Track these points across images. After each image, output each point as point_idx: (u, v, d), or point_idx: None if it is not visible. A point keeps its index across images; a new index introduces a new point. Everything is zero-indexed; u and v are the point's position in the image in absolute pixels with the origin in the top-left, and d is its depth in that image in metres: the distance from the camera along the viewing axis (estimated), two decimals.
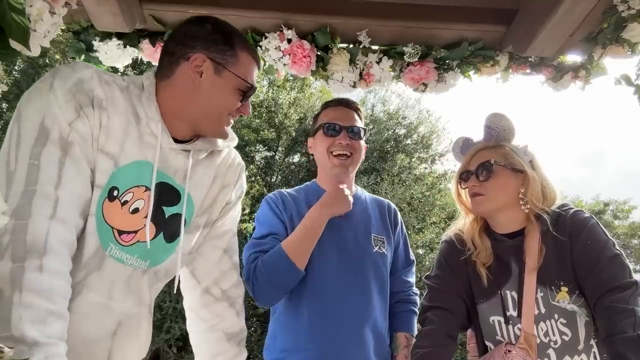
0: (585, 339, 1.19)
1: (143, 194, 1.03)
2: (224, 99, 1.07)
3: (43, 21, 1.10)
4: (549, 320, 1.22)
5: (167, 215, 1.09)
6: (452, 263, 1.42)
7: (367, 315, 1.40)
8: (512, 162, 1.32)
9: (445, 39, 1.70)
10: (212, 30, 1.08)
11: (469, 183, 1.36)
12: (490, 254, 1.34)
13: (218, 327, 1.25)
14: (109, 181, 0.98)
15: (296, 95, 12.90)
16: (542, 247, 1.26)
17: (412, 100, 13.49)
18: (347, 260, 1.43)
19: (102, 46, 1.64)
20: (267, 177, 12.71)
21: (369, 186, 10.88)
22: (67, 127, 0.91)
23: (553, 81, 1.78)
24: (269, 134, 12.64)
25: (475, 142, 1.48)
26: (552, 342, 1.21)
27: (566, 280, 1.22)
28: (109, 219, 1.00)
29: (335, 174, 1.51)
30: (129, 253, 1.04)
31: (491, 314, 1.32)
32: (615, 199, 17.15)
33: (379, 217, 1.59)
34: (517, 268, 1.29)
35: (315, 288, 1.39)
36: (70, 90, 0.93)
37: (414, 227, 11.05)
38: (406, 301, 1.55)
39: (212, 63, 1.05)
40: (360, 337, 1.37)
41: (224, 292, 1.26)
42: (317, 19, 1.61)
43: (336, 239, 1.45)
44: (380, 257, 1.49)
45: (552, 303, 1.22)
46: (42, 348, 0.74)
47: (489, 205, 1.32)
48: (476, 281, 1.36)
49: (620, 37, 1.51)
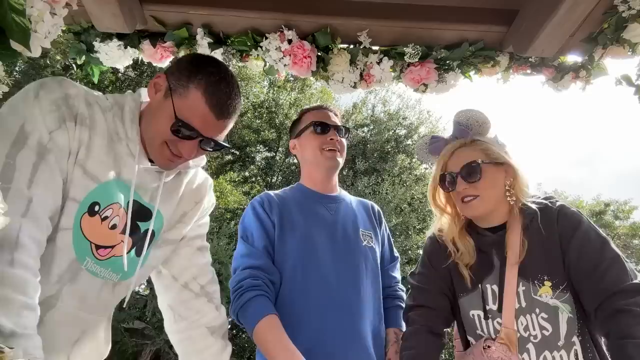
0: (566, 336, 1.16)
1: (119, 211, 1.07)
2: (158, 124, 1.05)
3: (44, 22, 1.10)
4: (529, 315, 1.20)
5: (142, 230, 1.13)
6: (434, 260, 1.41)
7: (362, 308, 1.41)
8: (494, 156, 1.30)
9: (446, 40, 1.70)
10: (188, 61, 1.09)
11: (458, 187, 1.30)
12: (473, 254, 1.33)
13: (200, 323, 1.27)
14: (88, 196, 1.00)
15: (297, 96, 12.91)
16: (524, 241, 1.24)
17: (412, 100, 13.51)
18: (339, 255, 1.45)
19: (103, 47, 1.64)
20: (268, 177, 12.71)
21: (369, 187, 10.86)
22: (47, 135, 0.93)
23: (554, 81, 1.78)
24: (269, 135, 12.65)
25: (446, 139, 1.43)
26: (532, 336, 1.19)
27: (551, 274, 1.20)
28: (88, 234, 1.02)
29: (328, 167, 1.57)
30: (103, 267, 1.07)
31: (471, 308, 1.31)
32: (616, 199, 17.14)
33: (365, 215, 1.64)
34: (499, 262, 1.28)
35: (311, 285, 1.39)
36: (56, 102, 0.96)
37: (415, 227, 11.03)
38: (393, 296, 1.58)
39: (166, 86, 1.05)
40: (357, 330, 1.37)
41: (203, 288, 1.29)
42: (318, 19, 1.61)
43: (327, 236, 1.47)
44: (370, 251, 1.52)
45: (534, 297, 1.20)
46: (20, 340, 0.75)
47: (485, 207, 1.29)
48: (457, 276, 1.35)
49: (620, 37, 1.51)
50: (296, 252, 1.42)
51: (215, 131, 1.06)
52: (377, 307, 1.47)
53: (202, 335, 1.26)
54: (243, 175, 12.83)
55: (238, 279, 1.35)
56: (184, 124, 1.01)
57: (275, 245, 1.44)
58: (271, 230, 1.46)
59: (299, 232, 1.45)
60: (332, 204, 1.58)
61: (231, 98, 1.06)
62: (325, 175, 1.59)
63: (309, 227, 1.48)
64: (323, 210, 1.54)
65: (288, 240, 1.44)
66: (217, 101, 1.03)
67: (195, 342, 1.26)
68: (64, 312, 1.01)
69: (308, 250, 1.42)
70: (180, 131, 1.02)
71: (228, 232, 9.02)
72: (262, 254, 1.40)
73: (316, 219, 1.51)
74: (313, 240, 1.44)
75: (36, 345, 0.78)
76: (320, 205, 1.55)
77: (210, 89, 1.02)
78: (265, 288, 1.33)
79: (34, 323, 0.81)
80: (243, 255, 1.41)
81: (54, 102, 0.95)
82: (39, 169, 0.90)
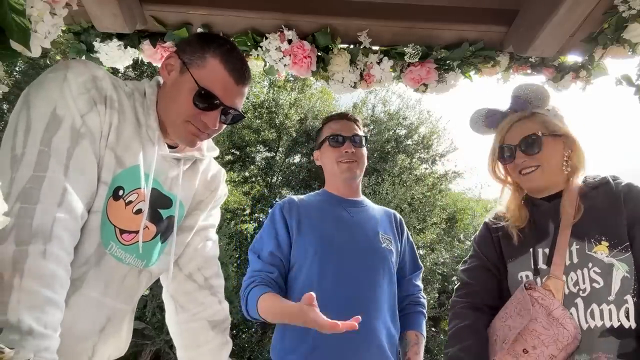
0: (618, 292, 1.12)
1: (144, 196, 1.06)
2: (179, 102, 1.05)
3: (44, 22, 1.10)
4: (580, 270, 1.17)
5: (164, 217, 1.13)
6: (483, 247, 1.42)
7: (378, 308, 1.42)
8: (553, 128, 1.31)
9: (446, 40, 1.70)
10: (196, 36, 1.12)
11: (518, 160, 1.31)
12: (526, 218, 1.33)
13: (201, 316, 1.26)
14: (114, 180, 0.99)
15: (297, 96, 12.92)
16: (580, 205, 1.24)
17: (412, 100, 13.54)
18: (358, 255, 1.46)
19: (103, 47, 1.64)
20: (268, 177, 12.72)
21: (369, 187, 10.88)
22: (79, 119, 0.92)
23: (554, 81, 1.78)
24: (269, 135, 12.66)
25: (504, 113, 1.43)
26: (581, 290, 1.15)
27: (610, 235, 1.17)
28: (112, 218, 1.01)
29: (345, 178, 1.61)
30: (128, 252, 1.06)
31: (520, 269, 1.29)
32: None
33: (386, 220, 1.66)
34: (553, 226, 1.27)
35: (327, 283, 1.40)
36: (85, 85, 0.94)
37: (415, 227, 11.05)
38: (416, 303, 1.61)
39: (180, 63, 1.06)
40: (372, 329, 1.38)
41: (207, 280, 1.28)
42: (318, 19, 1.61)
43: (346, 236, 1.49)
44: (388, 254, 1.53)
45: (588, 253, 1.17)
46: (35, 339, 0.73)
47: (545, 178, 1.30)
48: (507, 242, 1.35)
49: (621, 37, 1.51)
50: (314, 251, 1.44)
51: (235, 97, 1.08)
52: (391, 309, 1.48)
53: (203, 328, 1.25)
54: (243, 175, 12.83)
55: (242, 288, 1.42)
56: (206, 91, 1.03)
57: (291, 246, 1.49)
58: (283, 233, 1.50)
59: (318, 232, 1.48)
60: (354, 207, 1.61)
61: (245, 64, 1.10)
62: (343, 186, 1.64)
63: (328, 227, 1.51)
64: (344, 212, 1.58)
65: (306, 240, 1.47)
66: (234, 66, 1.06)
67: (195, 335, 1.25)
68: (88, 296, 0.99)
69: (326, 249, 1.44)
70: (203, 100, 1.03)
71: (228, 232, 9.03)
72: (266, 259, 1.46)
73: (336, 220, 1.54)
74: (332, 239, 1.47)
75: (50, 348, 0.75)
76: (341, 208, 1.59)
77: (226, 56, 1.05)
78: (261, 281, 1.39)
79: (56, 322, 0.79)
80: (250, 269, 1.48)
81: (83, 85, 0.93)
82: (74, 155, 0.89)
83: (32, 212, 0.80)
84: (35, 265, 0.77)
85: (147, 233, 1.09)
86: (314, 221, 1.52)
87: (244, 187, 12.27)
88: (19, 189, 0.81)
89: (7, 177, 0.83)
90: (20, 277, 0.75)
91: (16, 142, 0.86)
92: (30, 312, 0.73)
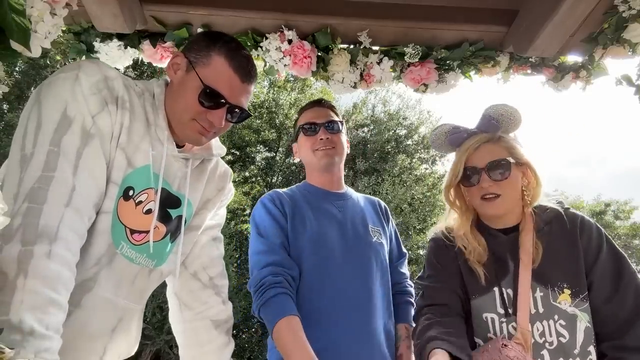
0: (582, 344, 1.16)
1: (154, 196, 1.06)
2: (185, 100, 1.06)
3: (44, 22, 1.10)
4: (546, 321, 1.19)
5: (173, 217, 1.13)
6: (442, 260, 1.38)
7: (374, 306, 1.41)
8: (518, 156, 1.28)
9: (446, 40, 1.70)
10: (202, 35, 1.12)
11: (483, 183, 1.26)
12: (486, 251, 1.30)
13: (204, 315, 1.26)
14: (123, 181, 0.99)
15: (297, 96, 12.91)
16: (538, 243, 1.24)
17: (412, 100, 13.53)
18: (351, 252, 1.45)
19: (103, 47, 1.64)
20: (268, 177, 12.71)
21: (369, 187, 10.87)
22: (90, 120, 0.92)
23: (554, 82, 1.78)
24: (269, 135, 12.66)
25: (469, 131, 1.36)
26: (548, 342, 1.18)
27: (571, 283, 1.19)
28: (123, 218, 1.01)
29: (323, 164, 1.55)
30: (138, 252, 1.06)
31: (485, 310, 1.28)
32: (616, 199, 17.13)
33: (372, 211, 1.64)
34: (513, 264, 1.26)
35: (323, 282, 1.39)
36: (97, 85, 0.94)
37: (415, 227, 11.04)
38: (403, 292, 1.58)
39: (186, 61, 1.07)
40: (369, 328, 1.37)
41: (211, 279, 1.29)
42: (318, 19, 1.61)
43: (338, 234, 1.47)
44: (380, 247, 1.52)
45: (553, 304, 1.19)
46: (36, 340, 0.72)
47: (506, 206, 1.27)
48: (470, 276, 1.32)
49: (621, 37, 1.51)
50: (308, 250, 1.42)
51: (240, 95, 1.08)
52: (387, 304, 1.48)
53: (206, 327, 1.25)
54: (243, 175, 12.83)
55: (259, 277, 1.32)
56: (212, 90, 1.03)
57: (289, 239, 1.43)
58: (284, 224, 1.45)
59: (310, 229, 1.45)
60: (340, 201, 1.58)
61: (251, 62, 1.10)
62: (323, 175, 1.59)
63: (320, 225, 1.47)
64: (332, 208, 1.54)
65: (300, 236, 1.44)
66: (240, 64, 1.06)
67: (198, 334, 1.25)
68: (100, 296, 0.99)
69: (320, 248, 1.42)
70: (208, 98, 1.03)
71: (228, 233, 9.03)
72: (280, 249, 1.39)
73: (326, 217, 1.51)
74: (325, 238, 1.44)
75: (50, 349, 0.75)
76: (328, 203, 1.56)
77: (231, 54, 1.06)
78: (287, 285, 1.31)
79: (58, 323, 0.78)
80: (260, 252, 1.39)
81: (95, 85, 0.94)
82: (83, 155, 0.89)
83: (39, 212, 0.80)
84: (39, 265, 0.77)
85: (157, 233, 1.09)
86: (305, 215, 1.48)
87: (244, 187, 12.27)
88: (28, 188, 0.82)
89: (16, 176, 0.83)
90: (25, 277, 0.75)
91: (26, 141, 0.87)
92: (32, 313, 0.73)
